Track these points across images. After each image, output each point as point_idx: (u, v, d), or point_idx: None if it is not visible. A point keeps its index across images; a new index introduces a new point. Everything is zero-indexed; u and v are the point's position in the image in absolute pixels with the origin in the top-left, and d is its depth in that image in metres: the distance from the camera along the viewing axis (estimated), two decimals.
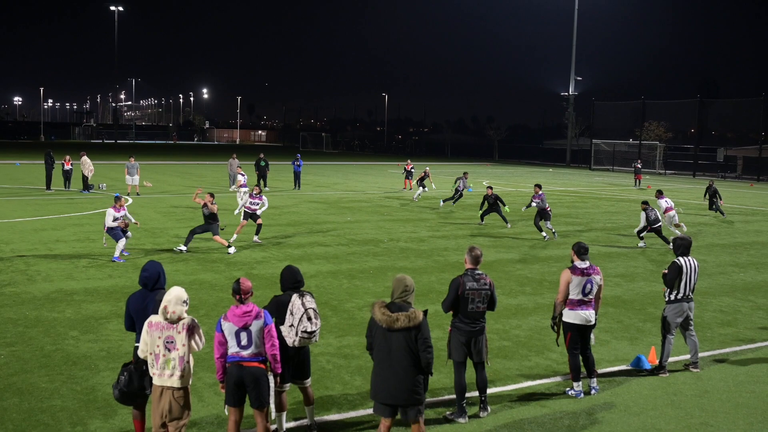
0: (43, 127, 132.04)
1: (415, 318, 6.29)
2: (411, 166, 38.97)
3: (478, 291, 7.73)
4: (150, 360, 6.26)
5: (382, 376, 6.39)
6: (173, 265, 15.58)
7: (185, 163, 62.01)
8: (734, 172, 63.35)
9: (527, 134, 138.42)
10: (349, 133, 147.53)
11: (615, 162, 70.50)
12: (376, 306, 6.43)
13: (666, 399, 8.52)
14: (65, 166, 32.79)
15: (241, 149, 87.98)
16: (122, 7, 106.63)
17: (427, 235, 21.29)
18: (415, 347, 6.30)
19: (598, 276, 8.62)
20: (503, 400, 8.43)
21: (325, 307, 12.43)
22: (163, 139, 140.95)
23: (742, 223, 26.35)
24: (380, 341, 6.39)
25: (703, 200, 31.46)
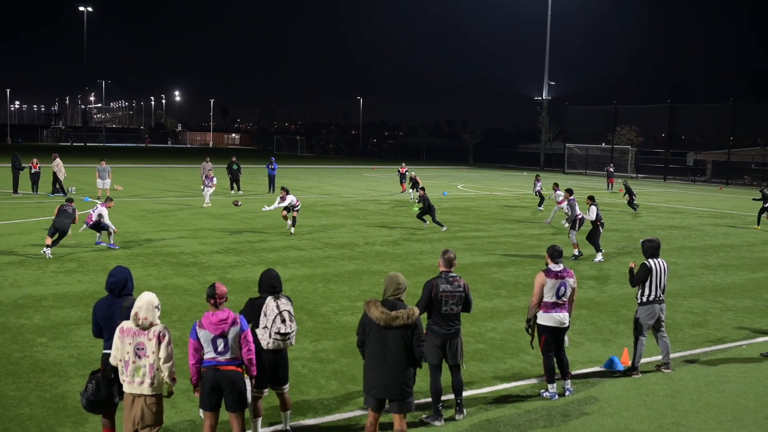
0: (10, 129, 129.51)
1: (413, 315, 6.48)
2: (405, 169, 38.97)
3: (452, 293, 7.76)
4: (120, 367, 6.15)
5: (377, 371, 6.52)
6: (145, 270, 15.40)
7: (157, 166, 61.34)
8: (704, 175, 64.37)
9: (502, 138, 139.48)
10: (324, 137, 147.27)
11: (588, 166, 71.23)
12: (371, 304, 6.54)
13: (639, 400, 8.62)
14: (32, 169, 32.20)
15: (214, 152, 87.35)
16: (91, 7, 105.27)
17: (402, 238, 21.31)
18: (410, 343, 6.50)
19: (571, 279, 8.70)
20: (478, 402, 8.46)
21: (300, 312, 12.38)
22: (134, 142, 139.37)
23: (711, 226, 26.77)
24: (375, 338, 6.52)
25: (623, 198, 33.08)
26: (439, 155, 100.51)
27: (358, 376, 9.11)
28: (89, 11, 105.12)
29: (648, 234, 23.06)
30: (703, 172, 65.05)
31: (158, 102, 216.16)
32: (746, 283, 15.85)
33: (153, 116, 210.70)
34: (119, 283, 6.69)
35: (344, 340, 10.77)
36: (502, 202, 35.19)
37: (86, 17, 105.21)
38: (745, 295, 14.66)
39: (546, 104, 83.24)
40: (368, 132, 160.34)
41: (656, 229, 25.42)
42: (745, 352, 10.66)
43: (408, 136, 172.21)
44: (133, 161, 67.79)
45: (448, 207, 31.12)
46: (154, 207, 28.37)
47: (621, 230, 24.88)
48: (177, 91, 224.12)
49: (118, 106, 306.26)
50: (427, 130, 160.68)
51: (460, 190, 42.99)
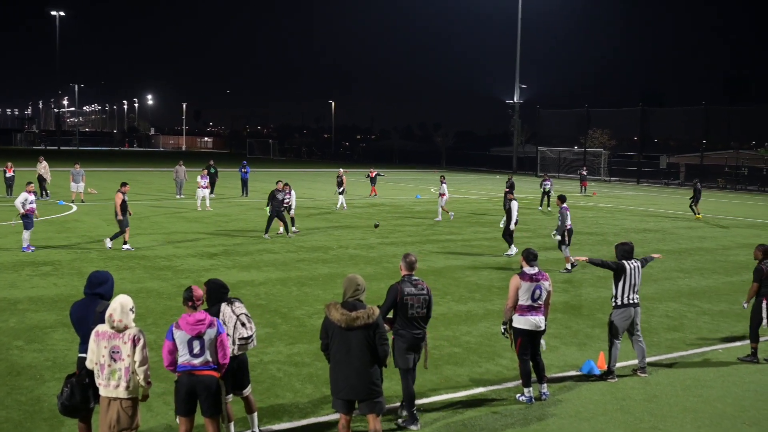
0: None
1: (373, 314, 6.52)
2: (375, 173, 39.09)
3: (417, 296, 7.72)
4: (96, 370, 6.12)
5: (343, 373, 6.55)
6: (119, 273, 15.26)
7: (130, 170, 60.82)
8: (677, 179, 65.04)
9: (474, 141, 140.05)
10: (297, 140, 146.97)
11: (561, 169, 71.72)
12: (331, 307, 6.59)
13: (615, 404, 8.59)
14: (7, 173, 32.09)
15: (187, 156, 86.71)
16: (64, 11, 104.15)
17: (376, 242, 21.23)
18: (373, 343, 6.53)
19: (547, 282, 8.66)
20: (454, 406, 8.40)
21: (274, 315, 12.29)
22: (107, 146, 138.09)
23: (685, 230, 27.00)
24: (338, 340, 6.55)
25: None
26: (411, 158, 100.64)
27: None
28: (61, 15, 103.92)
29: (622, 237, 23.21)
30: (676, 176, 65.74)
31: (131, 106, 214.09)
32: (722, 287, 15.94)
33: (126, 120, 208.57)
34: (111, 288, 6.72)
35: (319, 343, 10.59)
36: (477, 205, 35.26)
37: (58, 21, 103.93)
38: (721, 299, 14.72)
39: (518, 107, 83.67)
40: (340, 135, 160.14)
41: (630, 232, 25.60)
42: (722, 356, 10.68)
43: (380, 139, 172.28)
44: (106, 165, 67.19)
45: (420, 210, 31.09)
46: None
47: (595, 233, 25.02)
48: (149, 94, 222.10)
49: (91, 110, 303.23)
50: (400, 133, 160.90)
51: (434, 193, 42.99)
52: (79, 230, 22.02)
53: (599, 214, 32.06)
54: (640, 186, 60.48)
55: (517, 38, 79.37)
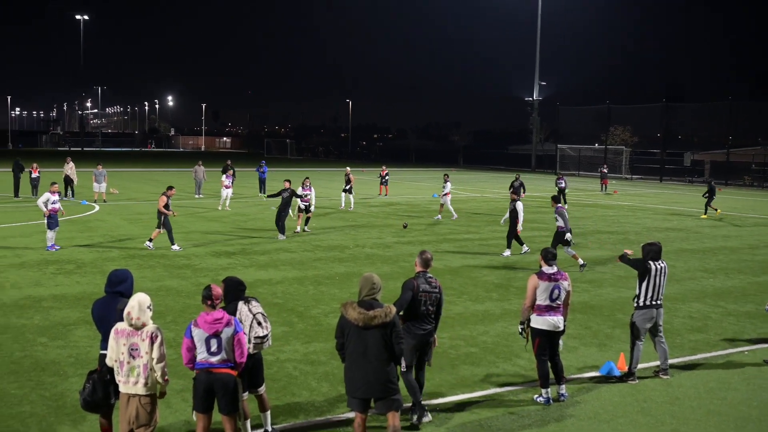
0: (11, 135, 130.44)
1: (390, 313, 6.54)
2: (386, 172, 38.74)
3: (429, 294, 7.74)
4: (116, 367, 6.21)
5: (359, 372, 6.55)
6: (140, 272, 15.38)
7: (151, 170, 61.43)
8: (701, 176, 64.08)
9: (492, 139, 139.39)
10: (314, 140, 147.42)
11: (581, 167, 71.13)
12: (348, 306, 6.59)
13: (636, 406, 8.43)
14: (32, 174, 32.60)
15: (206, 156, 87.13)
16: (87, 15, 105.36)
17: (393, 241, 21.14)
18: (390, 341, 6.54)
19: (566, 282, 8.52)
20: (470, 406, 8.30)
21: (291, 314, 12.27)
22: (129, 147, 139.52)
23: (710, 228, 26.56)
24: (355, 339, 6.55)
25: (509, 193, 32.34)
26: (428, 157, 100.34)
27: None
28: (85, 19, 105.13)
29: (644, 236, 22.92)
30: (701, 173, 64.67)
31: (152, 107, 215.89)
32: (748, 287, 15.61)
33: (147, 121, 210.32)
34: (131, 286, 6.82)
35: (335, 342, 10.60)
36: (494, 204, 35.05)
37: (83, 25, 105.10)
38: (747, 299, 14.39)
39: (537, 105, 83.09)
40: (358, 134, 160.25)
41: (653, 231, 25.27)
42: (747, 359, 10.43)
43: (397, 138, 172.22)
44: (127, 165, 67.91)
45: (437, 209, 30.92)
46: (149, 210, 28.22)
47: (616, 232, 24.74)
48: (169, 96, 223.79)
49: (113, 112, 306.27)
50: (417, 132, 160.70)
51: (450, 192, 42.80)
52: (102, 230, 22.20)
53: (620, 213, 31.73)
54: (663, 184, 59.74)
55: (537, 34, 78.89)
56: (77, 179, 32.97)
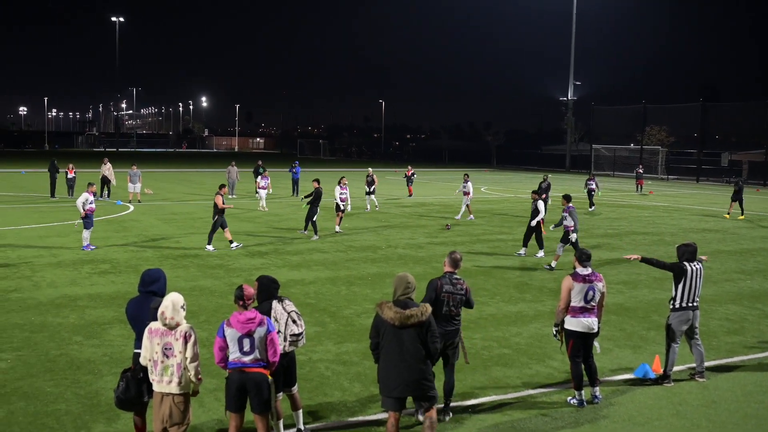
0: (48, 136, 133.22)
1: (426, 312, 6.59)
2: (412, 171, 38.70)
3: (453, 295, 7.73)
4: (149, 366, 6.26)
5: (395, 371, 6.58)
6: (173, 272, 15.55)
7: (185, 170, 62.11)
8: (739, 176, 62.88)
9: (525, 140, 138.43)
10: (347, 140, 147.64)
11: (616, 167, 70.30)
12: (384, 306, 6.64)
13: (671, 409, 8.31)
14: (68, 174, 33.05)
15: (239, 157, 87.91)
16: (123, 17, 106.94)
17: (425, 241, 21.11)
18: (425, 340, 6.59)
19: (600, 283, 8.44)
20: (504, 408, 8.26)
21: (323, 314, 12.31)
22: (163, 147, 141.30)
23: (747, 229, 26.09)
24: (391, 339, 6.59)
25: None
26: (461, 157, 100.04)
27: None
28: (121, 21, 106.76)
29: (680, 237, 22.60)
30: (738, 173, 63.34)
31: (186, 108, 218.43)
32: None
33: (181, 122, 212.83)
34: (164, 286, 6.87)
35: (367, 342, 10.53)
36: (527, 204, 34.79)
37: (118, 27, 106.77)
38: None
39: (571, 104, 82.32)
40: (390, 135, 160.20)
41: (689, 232, 24.89)
42: None
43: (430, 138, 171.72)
44: (161, 166, 68.73)
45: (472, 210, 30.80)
46: (182, 210, 28.67)
47: (651, 233, 24.42)
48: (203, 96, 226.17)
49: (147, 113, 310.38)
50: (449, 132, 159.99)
51: (484, 193, 42.68)
52: (136, 230, 22.50)
53: (656, 214, 31.31)
54: (700, 184, 58.80)
55: (572, 33, 78.23)
56: (115, 180, 33.43)
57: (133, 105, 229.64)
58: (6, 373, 9.09)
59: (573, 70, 79.73)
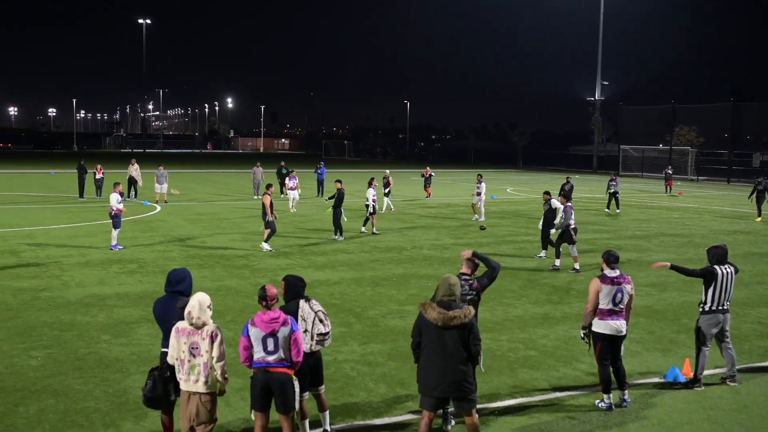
0: (76, 137, 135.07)
1: (469, 314, 6.62)
2: (430, 172, 38.34)
3: (462, 296, 7.56)
4: (177, 365, 6.30)
5: (437, 371, 6.62)
6: (200, 271, 15.65)
7: (211, 171, 62.59)
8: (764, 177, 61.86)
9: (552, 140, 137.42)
10: (372, 141, 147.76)
11: (644, 168, 69.50)
12: (427, 306, 6.69)
13: (702, 413, 8.17)
14: (97, 175, 33.44)
15: (264, 158, 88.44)
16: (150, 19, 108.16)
17: (451, 242, 21.03)
18: (467, 342, 6.62)
19: (629, 285, 8.32)
20: (530, 411, 8.17)
21: (348, 315, 12.31)
22: (189, 148, 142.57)
23: None
24: (432, 339, 6.63)
25: None
26: (487, 158, 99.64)
27: (407, 380, 8.96)
28: (148, 23, 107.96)
29: (710, 239, 22.26)
30: None
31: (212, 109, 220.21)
32: None
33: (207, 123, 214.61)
34: (190, 285, 6.93)
35: (392, 343, 10.64)
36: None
37: (145, 29, 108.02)
38: None
39: (599, 104, 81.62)
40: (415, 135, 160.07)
41: (719, 234, 24.52)
42: None
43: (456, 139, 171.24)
44: (188, 167, 69.31)
45: (496, 211, 30.67)
46: (208, 210, 28.87)
47: (681, 235, 24.09)
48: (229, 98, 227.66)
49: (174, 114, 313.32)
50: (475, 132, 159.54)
51: (510, 194, 42.45)
52: (163, 230, 22.68)
53: (685, 215, 30.90)
54: (731, 186, 57.90)
55: (599, 32, 77.52)
56: (142, 180, 33.75)
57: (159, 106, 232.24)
58: (36, 370, 9.21)
59: (600, 70, 79.01)
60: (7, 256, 17.21)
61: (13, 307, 12.43)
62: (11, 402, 8.14)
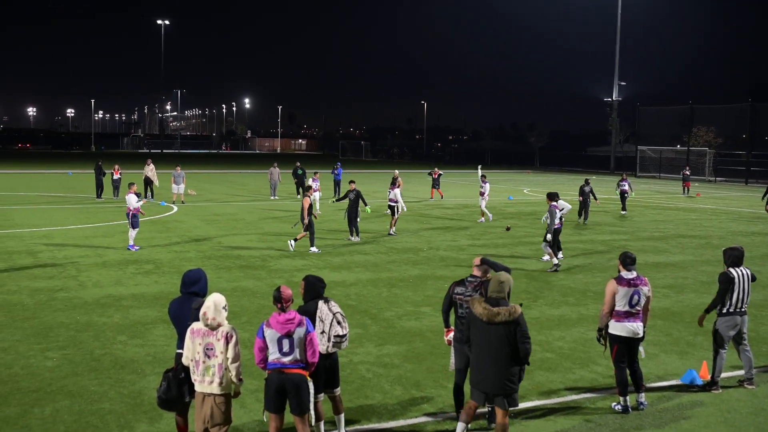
0: (94, 137, 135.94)
1: (514, 312, 6.69)
2: (439, 173, 37.94)
3: (465, 296, 7.60)
4: (191, 366, 6.30)
5: (483, 365, 6.80)
6: (216, 272, 15.70)
7: (228, 172, 62.81)
8: None
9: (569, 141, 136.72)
10: (389, 141, 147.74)
11: (662, 169, 69.02)
12: (475, 301, 6.85)
13: (719, 416, 8.13)
14: (114, 175, 33.64)
15: (281, 158, 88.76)
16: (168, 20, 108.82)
17: (467, 243, 21.01)
18: (513, 339, 6.68)
19: (645, 287, 8.29)
20: (546, 413, 8.16)
21: (364, 316, 12.32)
22: (207, 149, 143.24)
23: None
24: (480, 334, 6.79)
25: None
26: (504, 159, 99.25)
27: (423, 382, 9.01)
28: (166, 23, 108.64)
29: (728, 240, 22.10)
30: None
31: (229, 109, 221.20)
32: None
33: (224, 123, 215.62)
34: (205, 286, 6.93)
35: (408, 345, 10.63)
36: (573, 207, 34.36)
37: (163, 30, 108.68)
38: None
39: (616, 105, 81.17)
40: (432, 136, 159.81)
41: (737, 235, 24.33)
42: None
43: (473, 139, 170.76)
44: (205, 167, 69.62)
45: (513, 212, 30.60)
46: (225, 211, 28.98)
47: (698, 236, 23.92)
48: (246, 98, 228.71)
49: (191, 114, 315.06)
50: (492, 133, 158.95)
51: (526, 195, 42.32)
52: (179, 230, 22.82)
53: (703, 216, 30.67)
54: (749, 187, 57.35)
55: (617, 32, 77.09)
56: (158, 181, 33.93)
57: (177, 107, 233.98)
58: (52, 371, 9.25)
59: (618, 70, 78.57)
60: (24, 257, 17.37)
61: (30, 307, 12.51)
62: (27, 403, 8.19)
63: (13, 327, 11.22)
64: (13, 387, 8.64)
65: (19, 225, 23.35)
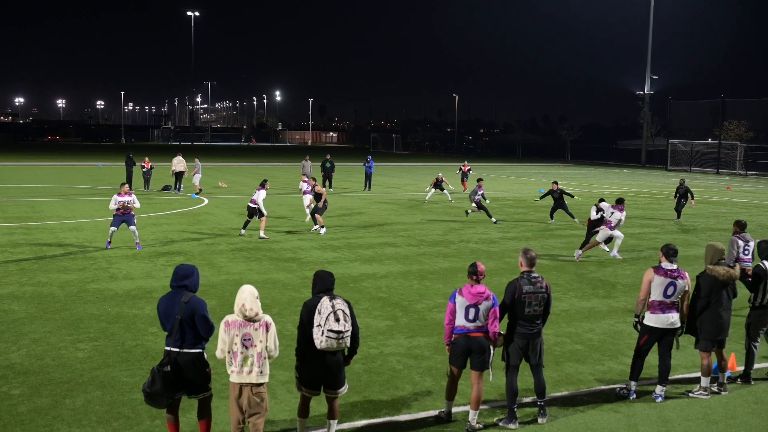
0: (124, 130, 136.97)
1: (736, 273, 8.54)
2: (468, 167, 38.00)
3: (535, 294, 7.60)
4: (228, 358, 6.36)
5: (724, 318, 8.59)
6: (247, 264, 15.89)
7: (259, 164, 63.09)
8: None
9: (600, 134, 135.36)
10: (420, 134, 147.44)
11: (693, 163, 68.22)
12: (714, 267, 8.56)
13: (748, 408, 8.19)
14: (144, 167, 33.85)
15: (312, 151, 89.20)
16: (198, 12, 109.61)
17: (498, 236, 21.08)
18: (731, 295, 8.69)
19: (683, 281, 8.30)
20: (576, 404, 8.26)
21: (395, 308, 12.46)
22: (237, 141, 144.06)
23: None
24: (719, 293, 8.52)
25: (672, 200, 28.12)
26: (535, 152, 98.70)
27: None
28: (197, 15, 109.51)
29: (758, 234, 21.90)
30: None
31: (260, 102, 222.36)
32: None
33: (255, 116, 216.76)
34: (197, 281, 6.85)
35: (439, 336, 10.74)
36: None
37: (193, 22, 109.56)
38: None
39: (648, 99, 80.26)
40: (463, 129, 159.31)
41: (767, 229, 24.09)
42: None
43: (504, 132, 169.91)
44: (235, 160, 70.03)
45: (544, 205, 30.53)
46: None
47: (728, 230, 23.68)
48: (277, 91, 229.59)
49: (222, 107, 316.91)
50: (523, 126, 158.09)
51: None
52: (210, 222, 23.03)
53: (733, 210, 30.34)
54: None
55: (650, 25, 76.13)
56: (188, 171, 34.20)
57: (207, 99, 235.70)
58: (83, 362, 9.29)
59: (650, 64, 77.61)
60: (55, 249, 17.49)
61: (61, 299, 12.52)
62: (59, 394, 8.22)
63: (44, 318, 11.27)
64: (44, 378, 8.70)
65: (50, 217, 23.59)
